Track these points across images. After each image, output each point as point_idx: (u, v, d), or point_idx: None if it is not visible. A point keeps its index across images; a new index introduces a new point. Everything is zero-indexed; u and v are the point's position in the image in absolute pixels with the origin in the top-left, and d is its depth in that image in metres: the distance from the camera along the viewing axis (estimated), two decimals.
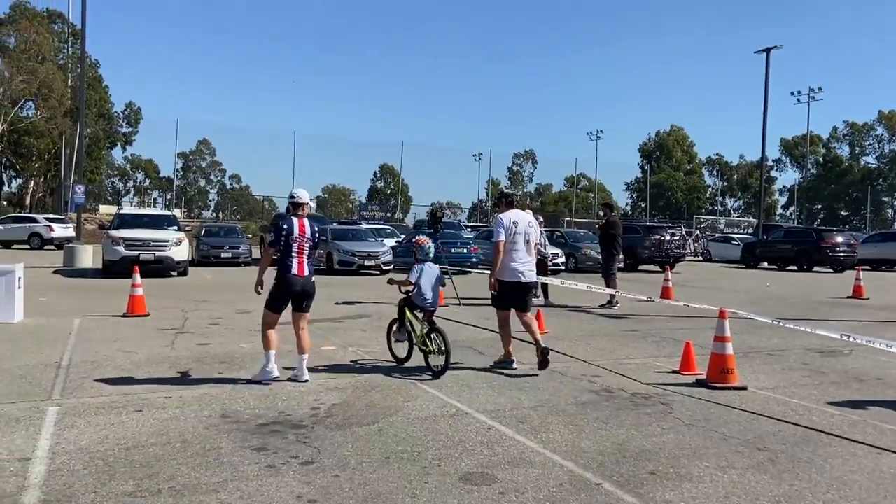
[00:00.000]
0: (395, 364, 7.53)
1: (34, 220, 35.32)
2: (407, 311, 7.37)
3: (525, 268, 7.38)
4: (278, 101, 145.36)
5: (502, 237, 7.30)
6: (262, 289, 6.94)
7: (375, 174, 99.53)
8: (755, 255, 31.05)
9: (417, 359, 7.30)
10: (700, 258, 37.44)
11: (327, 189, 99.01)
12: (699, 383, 6.91)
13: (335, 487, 4.01)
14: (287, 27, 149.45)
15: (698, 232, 43.61)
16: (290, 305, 6.83)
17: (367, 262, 21.46)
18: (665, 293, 14.86)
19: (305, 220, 6.89)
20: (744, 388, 6.71)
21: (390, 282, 7.84)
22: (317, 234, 6.95)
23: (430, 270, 7.37)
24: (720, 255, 36.52)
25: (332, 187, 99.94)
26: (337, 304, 13.30)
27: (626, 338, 9.87)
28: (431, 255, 7.56)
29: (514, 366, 7.38)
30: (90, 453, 4.49)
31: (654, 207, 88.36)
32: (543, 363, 7.15)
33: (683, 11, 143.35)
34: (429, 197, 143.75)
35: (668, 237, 26.13)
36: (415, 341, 7.32)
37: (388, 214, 53.90)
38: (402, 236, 28.84)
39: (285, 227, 6.77)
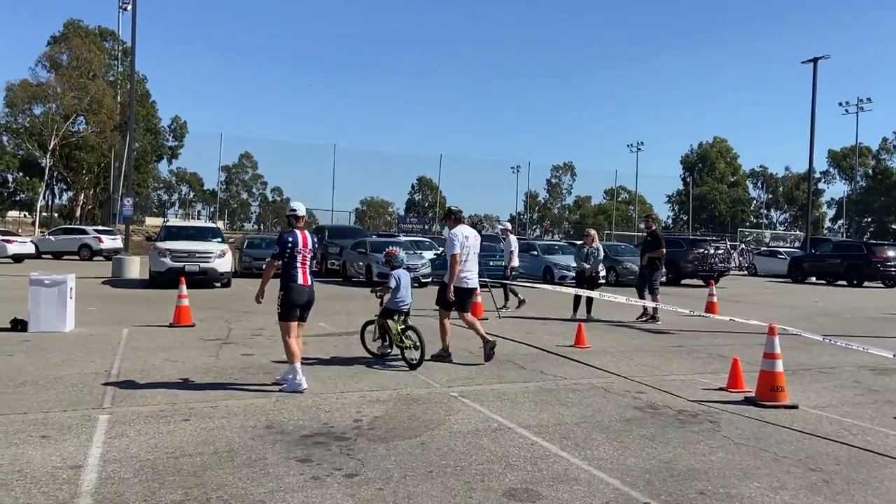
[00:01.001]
0: (436, 379, 7.54)
1: (84, 232, 36.34)
2: (386, 320, 8.29)
3: (470, 275, 8.62)
4: (319, 116, 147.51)
5: (457, 250, 8.25)
6: (262, 299, 7.24)
7: (413, 186, 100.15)
8: (803, 269, 30.32)
9: (445, 371, 7.29)
10: (745, 272, 36.70)
11: (365, 201, 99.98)
12: (748, 401, 6.75)
13: (379, 500, 4.01)
14: (327, 43, 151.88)
15: (743, 245, 42.75)
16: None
17: None
18: (710, 308, 14.57)
19: (307, 232, 7.19)
20: (794, 407, 6.53)
21: (373, 291, 8.83)
22: (315, 245, 7.28)
23: (405, 277, 8.39)
24: (766, 270, 35.70)
25: (371, 200, 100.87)
26: (376, 316, 13.32)
27: (670, 353, 9.70)
28: (404, 263, 8.77)
29: (452, 359, 8.46)
30: (140, 461, 4.58)
31: (696, 220, 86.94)
32: (489, 356, 8.30)
33: (728, 21, 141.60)
34: (466, 209, 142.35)
35: (712, 250, 25.66)
36: (393, 340, 8.24)
37: (426, 227, 54.08)
38: (441, 249, 28.92)
39: (290, 239, 7.02)
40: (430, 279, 22.10)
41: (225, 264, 19.27)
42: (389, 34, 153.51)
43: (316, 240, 7.36)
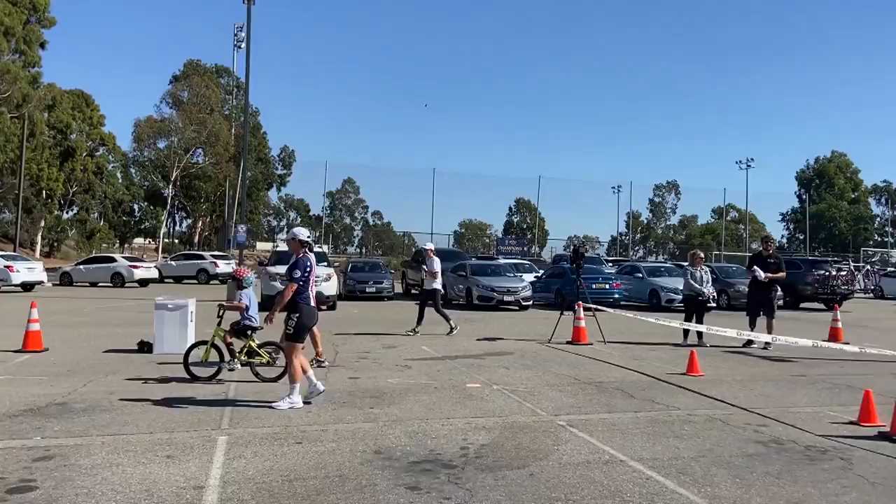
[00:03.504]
0: (542, 406, 7.40)
1: (201, 258, 38.52)
2: (233, 337, 8.72)
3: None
4: (418, 141, 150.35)
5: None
6: (273, 321, 7.38)
7: (511, 208, 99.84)
8: None
9: (551, 399, 7.09)
10: (870, 295, 34.19)
11: (464, 224, 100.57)
12: (882, 436, 6.22)
13: None
14: (424, 70, 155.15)
15: (868, 267, 39.85)
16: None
17: (506, 298, 21.42)
18: (834, 334, 13.62)
19: (312, 256, 7.46)
20: None
21: (221, 307, 8.96)
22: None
23: (253, 296, 9.02)
24: (894, 292, 33.10)
25: (469, 222, 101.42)
26: (478, 339, 13.34)
27: (793, 383, 9.10)
28: (252, 284, 9.38)
29: (325, 363, 9.45)
30: (257, 483, 4.72)
31: (813, 240, 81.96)
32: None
33: (842, 29, 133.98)
34: (566, 231, 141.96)
35: (834, 272, 24.07)
36: (241, 358, 8.62)
37: (525, 249, 53.73)
38: (541, 271, 28.61)
39: (309, 264, 7.29)
40: (530, 302, 21.91)
41: (330, 288, 19.88)
42: (487, 59, 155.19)
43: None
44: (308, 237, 7.61)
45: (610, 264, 33.91)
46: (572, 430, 6.33)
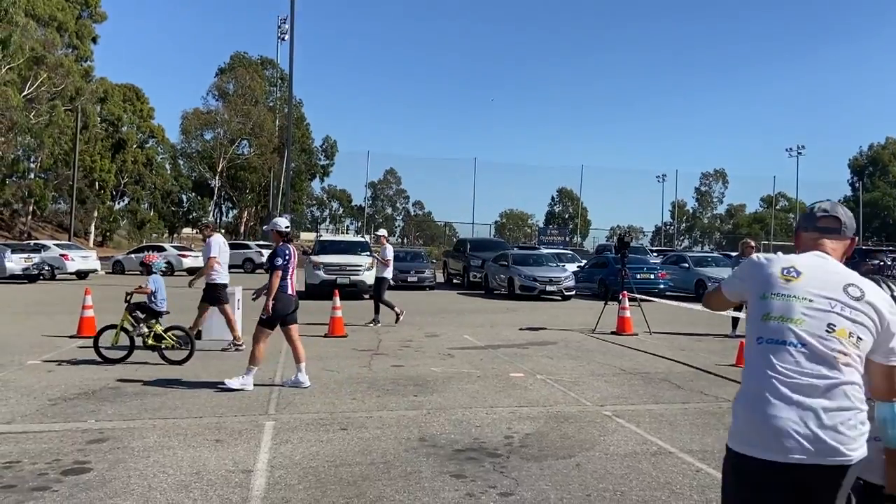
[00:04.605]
0: (587, 396, 7.31)
1: (247, 247, 39.15)
2: (132, 316, 8.90)
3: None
4: (460, 131, 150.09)
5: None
6: (270, 311, 7.34)
7: (553, 198, 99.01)
8: None
9: (596, 389, 6.99)
10: None
11: (505, 214, 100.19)
12: None
13: None
14: (465, 60, 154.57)
15: None
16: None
17: (548, 288, 21.26)
18: None
19: (292, 246, 7.68)
20: None
21: (128, 294, 9.02)
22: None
23: (161, 281, 9.17)
24: None
25: (510, 212, 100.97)
26: (521, 329, 13.27)
27: None
28: (161, 269, 9.83)
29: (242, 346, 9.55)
30: (304, 468, 4.76)
31: (866, 229, 79.40)
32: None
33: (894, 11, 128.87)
34: (609, 220, 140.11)
35: (889, 262, 23.27)
36: (148, 341, 8.75)
37: (567, 239, 53.27)
38: (584, 261, 28.32)
39: (288, 252, 7.49)
40: (573, 292, 21.72)
41: (373, 277, 19.97)
42: (528, 49, 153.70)
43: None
44: (287, 227, 7.81)
45: (654, 254, 33.40)
46: (619, 421, 6.24)
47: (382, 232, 15.38)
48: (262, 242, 42.16)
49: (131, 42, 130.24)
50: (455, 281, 28.60)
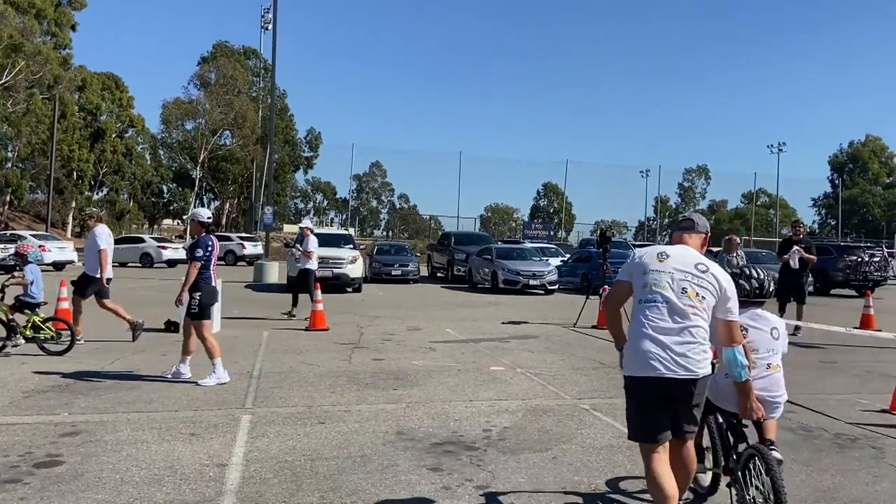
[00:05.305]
0: (566, 390, 7.34)
1: (229, 239, 38.86)
2: (23, 311, 8.74)
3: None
4: (445, 124, 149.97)
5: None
6: (183, 301, 7.37)
7: (538, 192, 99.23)
8: None
9: (575, 384, 7.00)
10: None
11: (490, 208, 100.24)
12: None
13: None
14: (452, 53, 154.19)
15: None
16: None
17: (531, 282, 21.32)
18: (866, 321, 13.33)
19: (214, 238, 7.64)
20: None
21: (3, 285, 8.77)
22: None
23: (38, 271, 9.09)
24: None
25: (495, 206, 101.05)
26: (503, 323, 13.29)
27: (822, 370, 8.93)
28: (38, 259, 9.83)
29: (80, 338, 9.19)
30: (279, 462, 4.74)
31: (845, 225, 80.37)
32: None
33: (877, 8, 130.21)
34: (593, 215, 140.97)
35: (866, 258, 23.55)
36: (26, 333, 8.62)
37: (552, 233, 53.41)
38: (567, 256, 28.41)
39: (210, 244, 7.45)
40: (556, 286, 21.79)
41: (356, 270, 19.94)
42: (514, 43, 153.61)
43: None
44: (208, 218, 7.74)
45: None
46: (596, 414, 6.27)
47: (306, 223, 15.05)
48: (244, 235, 41.89)
49: (111, 30, 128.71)
50: (439, 274, 28.58)
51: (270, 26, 30.11)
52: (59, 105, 46.53)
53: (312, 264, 13.76)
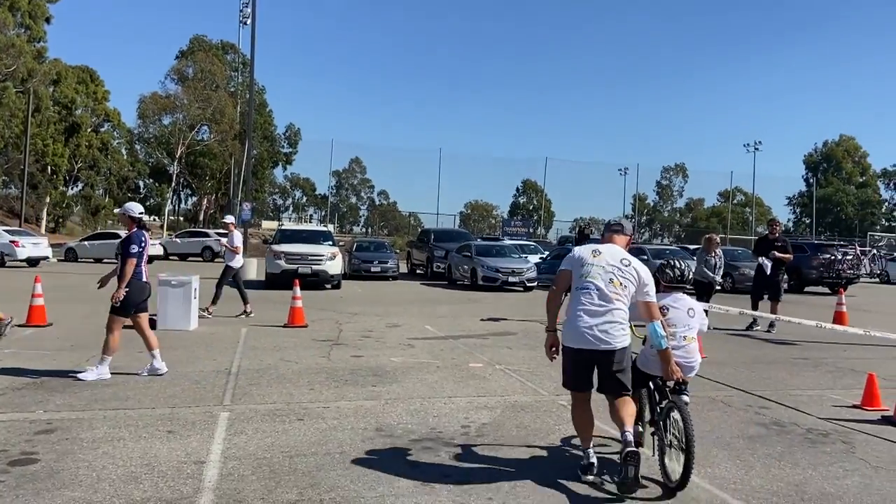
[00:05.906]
0: (544, 387, 7.40)
1: (206, 235, 38.47)
2: None
3: None
4: (425, 121, 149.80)
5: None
6: (121, 297, 7.18)
7: (518, 190, 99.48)
8: None
9: (553, 380, 7.07)
10: (877, 280, 34.06)
11: (470, 205, 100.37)
12: (885, 420, 6.21)
13: None
14: (432, 50, 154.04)
15: (875, 251, 39.63)
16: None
17: (510, 279, 21.41)
18: (838, 318, 13.57)
19: (145, 232, 7.52)
20: None
21: None
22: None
23: None
24: None
25: (475, 203, 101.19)
26: (482, 320, 13.34)
27: (795, 366, 9.09)
28: None
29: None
30: (258, 459, 4.73)
31: (819, 224, 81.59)
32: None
33: (851, 10, 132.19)
34: (572, 213, 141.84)
35: (839, 256, 23.96)
36: None
37: (531, 230, 53.62)
38: (546, 253, 28.55)
39: (143, 239, 7.35)
40: (535, 283, 21.89)
41: (335, 266, 19.88)
42: (494, 42, 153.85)
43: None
44: (140, 213, 7.57)
45: None
46: None
47: (230, 219, 14.61)
48: (221, 231, 41.49)
49: (87, 23, 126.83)
50: (418, 271, 28.59)
51: (249, 21, 29.88)
52: (34, 99, 45.81)
53: (236, 261, 13.41)
